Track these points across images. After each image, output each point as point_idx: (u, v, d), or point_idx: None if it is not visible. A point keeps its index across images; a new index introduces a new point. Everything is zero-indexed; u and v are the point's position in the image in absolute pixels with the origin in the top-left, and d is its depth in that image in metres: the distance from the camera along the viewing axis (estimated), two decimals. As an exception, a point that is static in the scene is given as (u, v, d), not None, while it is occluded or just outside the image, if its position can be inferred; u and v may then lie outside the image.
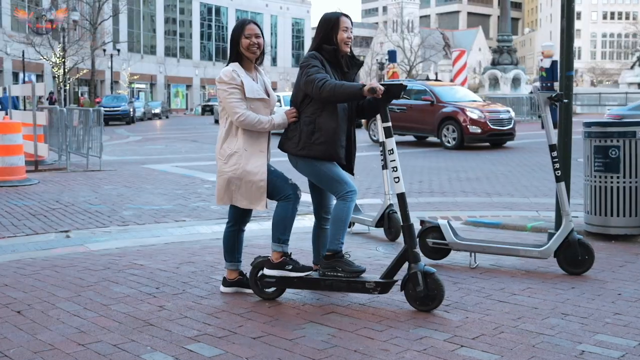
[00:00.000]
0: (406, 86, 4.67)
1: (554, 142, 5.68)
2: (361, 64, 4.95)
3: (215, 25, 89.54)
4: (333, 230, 4.69)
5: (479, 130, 19.18)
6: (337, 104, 4.66)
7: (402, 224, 4.52)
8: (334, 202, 4.74)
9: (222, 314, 4.48)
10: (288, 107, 4.94)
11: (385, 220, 7.15)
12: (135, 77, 72.26)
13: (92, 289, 5.15)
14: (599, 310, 4.56)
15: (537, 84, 27.15)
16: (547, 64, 26.90)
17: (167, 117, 60.51)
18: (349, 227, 7.76)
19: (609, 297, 4.89)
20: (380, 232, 7.37)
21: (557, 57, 27.75)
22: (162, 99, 76.09)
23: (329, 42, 4.75)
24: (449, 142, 19.43)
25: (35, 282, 5.36)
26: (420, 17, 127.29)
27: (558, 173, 5.64)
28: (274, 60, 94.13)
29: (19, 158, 12.54)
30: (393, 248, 6.75)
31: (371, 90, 4.41)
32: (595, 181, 7.09)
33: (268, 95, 4.87)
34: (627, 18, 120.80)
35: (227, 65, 4.86)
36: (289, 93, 33.92)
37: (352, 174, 4.97)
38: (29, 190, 11.42)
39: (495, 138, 19.74)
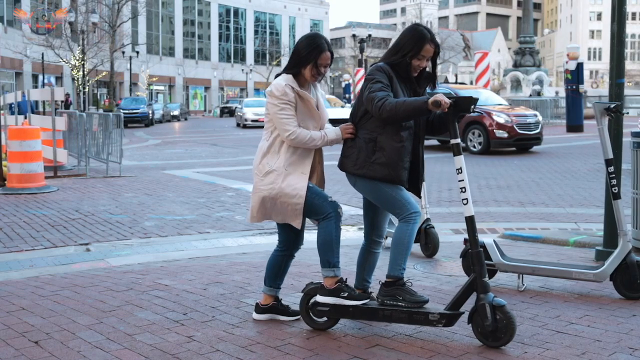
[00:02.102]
0: (477, 99, 4.26)
1: (611, 157, 5.28)
2: (431, 76, 4.49)
3: (233, 26, 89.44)
4: (394, 255, 4.32)
5: (506, 135, 18.73)
6: (403, 122, 4.26)
7: (470, 249, 4.12)
8: (392, 223, 4.39)
9: (256, 347, 4.11)
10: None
11: (422, 235, 6.75)
12: (154, 78, 72.26)
13: (115, 314, 4.80)
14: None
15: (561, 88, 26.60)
16: (572, 66, 26.36)
17: (185, 119, 60.34)
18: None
19: (677, 328, 4.48)
20: (416, 248, 6.98)
21: (582, 59, 27.27)
22: (181, 100, 76.06)
23: (402, 56, 4.34)
24: (474, 146, 19.00)
25: (55, 306, 5.02)
26: (439, 18, 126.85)
27: (615, 190, 5.23)
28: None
29: (37, 165, 12.26)
30: (431, 266, 6.37)
31: (435, 104, 4.03)
32: (644, 195, 6.67)
33: (320, 109, 4.50)
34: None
35: (281, 73, 4.47)
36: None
37: (419, 197, 4.63)
38: (47, 198, 11.13)
39: (522, 143, 19.27)
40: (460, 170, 4.10)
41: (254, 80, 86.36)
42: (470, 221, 4.09)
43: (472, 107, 4.16)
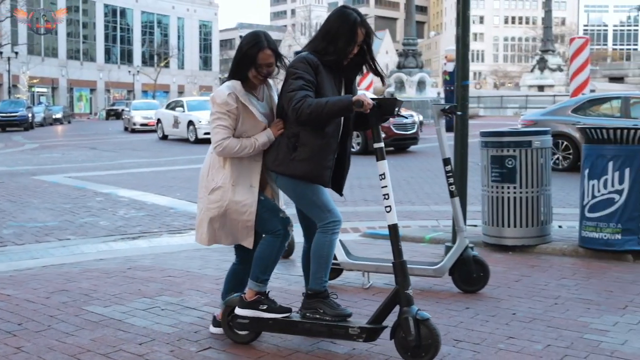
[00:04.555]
0: (402, 102, 4.05)
1: (447, 156, 5.49)
2: (361, 63, 4.15)
3: (120, 27, 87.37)
4: (314, 268, 4.08)
5: (383, 135, 19.04)
6: (327, 123, 3.98)
7: (393, 260, 3.88)
8: None
9: (86, 355, 4.02)
10: None
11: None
12: (35, 80, 69.65)
13: (-55, 327, 4.61)
14: (493, 335, 4.36)
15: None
16: (450, 67, 27.17)
17: (69, 122, 58.39)
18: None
19: (503, 318, 4.70)
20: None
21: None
22: (65, 103, 73.61)
23: (333, 45, 4.01)
24: (353, 147, 19.26)
25: None
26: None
27: (452, 188, 5.44)
28: (181, 64, 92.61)
29: None
30: (285, 267, 6.42)
31: (357, 104, 3.78)
32: (492, 191, 6.97)
33: (273, 114, 4.23)
34: (527, 22, 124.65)
35: (227, 79, 4.18)
36: (201, 98, 33.18)
37: (341, 194, 4.37)
38: None
39: (399, 142, 19.75)
40: (383, 176, 3.86)
41: (142, 82, 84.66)
42: (393, 230, 3.85)
43: (397, 109, 3.96)
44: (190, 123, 26.24)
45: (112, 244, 7.92)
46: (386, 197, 3.85)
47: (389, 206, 3.85)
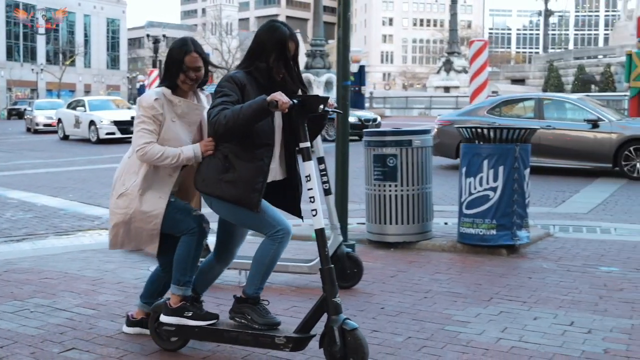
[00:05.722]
0: (327, 98, 3.86)
1: (322, 155, 5.59)
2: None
3: (22, 23, 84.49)
4: (252, 272, 3.97)
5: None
6: (246, 132, 3.78)
7: (320, 266, 3.74)
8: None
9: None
10: None
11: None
12: None
13: None
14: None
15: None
16: (355, 68, 27.65)
17: (-34, 122, 56.27)
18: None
19: (371, 313, 4.84)
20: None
21: (375, 62, 28.53)
22: (-37, 102, 70.78)
23: (263, 60, 3.88)
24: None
25: None
26: (240, 20, 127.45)
27: (326, 186, 5.55)
28: (88, 62, 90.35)
29: None
30: (168, 266, 6.39)
31: (272, 104, 3.57)
32: (374, 190, 7.13)
33: (201, 130, 4.14)
34: (435, 25, 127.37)
35: (158, 86, 4.10)
36: (103, 97, 32.49)
37: (301, 217, 4.14)
38: None
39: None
40: (309, 178, 3.72)
41: (46, 80, 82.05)
42: (320, 234, 3.71)
43: (322, 106, 3.74)
44: (92, 123, 25.70)
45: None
46: (312, 199, 3.71)
47: (315, 209, 3.71)
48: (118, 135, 25.06)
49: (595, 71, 46.30)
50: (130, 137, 4.25)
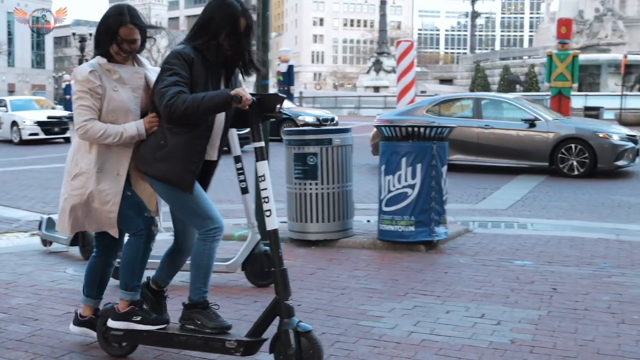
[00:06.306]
0: (284, 98, 3.80)
1: (238, 154, 5.60)
2: (244, 59, 3.84)
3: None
4: (193, 277, 3.86)
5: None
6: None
7: (273, 268, 3.64)
8: None
9: None
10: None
11: (80, 238, 6.66)
12: None
13: None
14: (273, 326, 4.48)
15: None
16: (283, 68, 27.57)
17: None
18: (45, 245, 7.19)
19: (287, 310, 4.86)
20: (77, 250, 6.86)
21: (305, 62, 28.59)
22: None
23: (213, 36, 3.71)
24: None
25: None
26: (169, 19, 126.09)
27: (243, 185, 5.58)
28: (12, 61, 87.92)
29: None
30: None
31: (235, 99, 3.51)
32: (295, 188, 7.17)
33: (147, 94, 3.94)
34: (365, 25, 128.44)
35: (93, 57, 3.89)
36: (27, 97, 31.61)
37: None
38: None
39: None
40: (263, 178, 3.62)
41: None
42: (273, 235, 3.61)
43: (279, 106, 3.69)
44: (14, 123, 25.01)
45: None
46: (266, 200, 3.62)
47: (269, 210, 3.62)
48: (42, 136, 24.49)
49: (520, 71, 47.42)
50: (54, 138, 4.16)
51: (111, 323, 3.93)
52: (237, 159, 5.56)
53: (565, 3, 51.76)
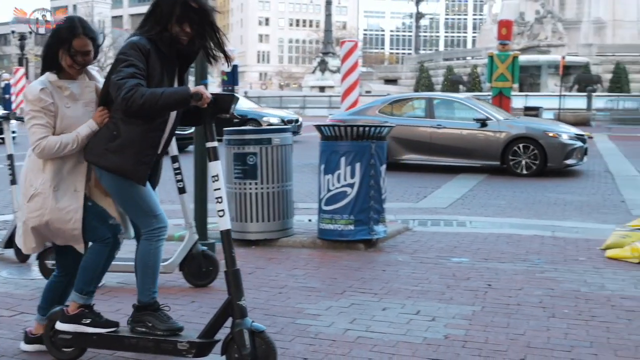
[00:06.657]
0: (238, 99, 3.70)
1: (176, 154, 5.58)
2: (196, 49, 3.76)
3: None
4: (141, 279, 3.82)
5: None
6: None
7: (226, 269, 3.60)
8: None
9: None
10: None
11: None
12: None
13: None
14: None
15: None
16: (228, 68, 27.46)
17: None
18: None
19: (224, 310, 4.85)
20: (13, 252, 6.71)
21: (251, 62, 28.50)
22: None
23: (164, 25, 3.61)
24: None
25: None
26: (113, 17, 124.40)
27: (180, 185, 5.57)
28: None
29: None
30: (20, 271, 6.17)
31: (195, 97, 3.45)
32: (235, 188, 7.15)
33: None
34: (310, 25, 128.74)
35: (42, 71, 3.79)
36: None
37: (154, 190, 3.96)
38: None
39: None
40: (216, 178, 3.58)
41: None
42: (226, 235, 3.57)
43: (233, 106, 3.63)
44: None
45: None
46: (219, 200, 3.59)
47: (222, 210, 3.58)
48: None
49: (463, 72, 48.12)
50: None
51: (60, 326, 3.83)
52: (174, 159, 5.55)
53: (507, 5, 52.67)
